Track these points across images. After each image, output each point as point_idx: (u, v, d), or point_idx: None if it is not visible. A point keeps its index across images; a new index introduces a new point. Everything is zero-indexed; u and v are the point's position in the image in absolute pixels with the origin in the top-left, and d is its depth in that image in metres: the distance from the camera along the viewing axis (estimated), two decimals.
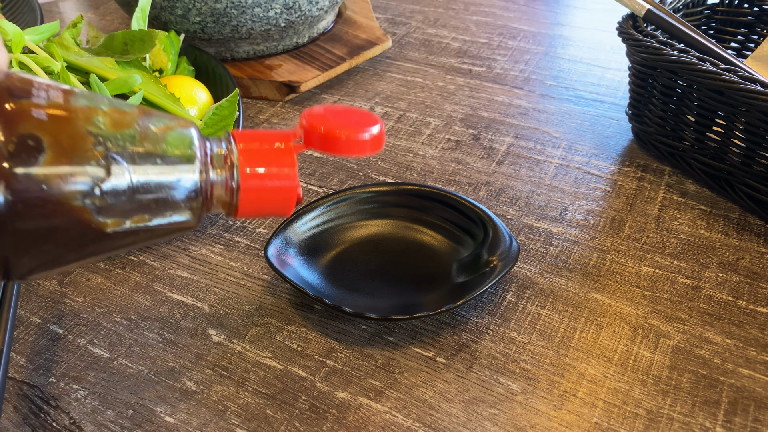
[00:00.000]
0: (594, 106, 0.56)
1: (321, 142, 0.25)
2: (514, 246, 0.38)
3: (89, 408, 0.33)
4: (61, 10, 0.78)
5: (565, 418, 0.32)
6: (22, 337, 0.37)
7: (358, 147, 0.25)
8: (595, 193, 0.46)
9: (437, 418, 0.32)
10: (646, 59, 0.44)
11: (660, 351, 0.35)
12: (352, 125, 0.25)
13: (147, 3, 0.50)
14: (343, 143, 0.25)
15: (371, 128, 0.25)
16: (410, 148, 0.52)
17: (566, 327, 0.37)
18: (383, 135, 0.26)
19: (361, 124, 0.25)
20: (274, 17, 0.57)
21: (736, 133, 0.42)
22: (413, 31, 0.70)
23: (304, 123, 0.25)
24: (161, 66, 0.52)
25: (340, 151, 0.25)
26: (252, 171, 0.25)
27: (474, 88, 0.59)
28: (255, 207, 0.25)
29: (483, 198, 0.46)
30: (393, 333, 0.36)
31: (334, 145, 0.25)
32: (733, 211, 0.44)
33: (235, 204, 0.25)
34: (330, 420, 0.32)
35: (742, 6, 0.53)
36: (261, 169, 0.25)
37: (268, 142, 0.25)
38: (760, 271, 0.39)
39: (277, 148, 0.25)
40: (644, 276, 0.39)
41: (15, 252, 0.20)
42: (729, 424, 0.31)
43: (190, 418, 0.32)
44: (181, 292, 0.39)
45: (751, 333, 0.36)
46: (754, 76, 0.39)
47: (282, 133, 0.26)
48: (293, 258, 0.39)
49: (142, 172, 0.22)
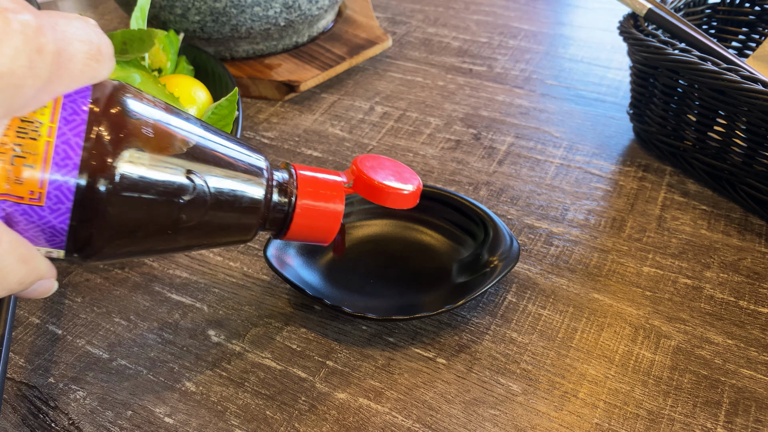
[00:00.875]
0: (595, 106, 0.56)
1: (367, 192, 0.30)
2: (514, 246, 0.38)
3: (88, 409, 0.33)
4: (60, 10, 0.77)
5: (566, 419, 0.32)
6: (20, 338, 0.37)
7: (399, 202, 0.31)
8: (596, 193, 0.46)
9: (437, 419, 0.32)
10: (648, 58, 0.44)
11: (661, 351, 0.35)
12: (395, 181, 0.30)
13: (146, 2, 0.50)
14: (387, 198, 0.30)
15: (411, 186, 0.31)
16: (410, 147, 0.51)
17: (567, 327, 0.36)
18: (419, 192, 0.31)
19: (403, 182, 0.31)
20: (274, 16, 0.57)
21: (737, 132, 0.42)
22: (413, 31, 0.70)
23: (355, 171, 0.30)
24: (160, 65, 0.51)
25: (383, 203, 0.30)
26: (306, 202, 0.29)
27: (474, 88, 0.59)
28: (302, 232, 0.30)
29: (483, 198, 0.46)
30: (393, 333, 0.36)
31: (378, 198, 0.30)
32: (734, 211, 0.44)
33: (287, 226, 0.29)
34: (330, 421, 0.32)
35: (743, 5, 0.53)
36: (313, 202, 0.29)
37: (322, 180, 0.30)
38: (762, 272, 0.39)
39: (329, 186, 0.30)
40: (645, 276, 0.39)
41: (101, 233, 0.23)
42: (730, 425, 0.31)
43: (190, 419, 0.32)
44: (180, 292, 0.39)
45: (752, 333, 0.36)
46: (756, 76, 0.39)
47: (335, 174, 0.30)
48: (293, 258, 0.38)
49: (219, 190, 0.26)
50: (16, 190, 0.21)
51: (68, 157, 0.22)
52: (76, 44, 0.21)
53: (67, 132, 0.22)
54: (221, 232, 0.27)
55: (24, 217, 0.22)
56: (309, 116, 0.56)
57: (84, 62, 0.21)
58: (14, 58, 0.18)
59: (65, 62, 0.20)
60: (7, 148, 0.21)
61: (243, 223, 0.28)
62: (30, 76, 0.19)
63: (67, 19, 0.21)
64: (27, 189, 0.21)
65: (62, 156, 0.22)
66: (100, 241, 0.24)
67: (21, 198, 0.21)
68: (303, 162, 0.50)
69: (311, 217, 0.29)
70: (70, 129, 0.22)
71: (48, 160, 0.21)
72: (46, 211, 0.22)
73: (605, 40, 0.67)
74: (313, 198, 0.29)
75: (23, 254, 0.22)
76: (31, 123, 0.21)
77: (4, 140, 0.21)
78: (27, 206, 0.22)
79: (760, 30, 0.52)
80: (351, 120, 0.55)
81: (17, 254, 0.22)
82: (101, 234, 0.24)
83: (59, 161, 0.22)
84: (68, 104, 0.22)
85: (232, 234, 0.28)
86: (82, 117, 0.22)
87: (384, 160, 0.32)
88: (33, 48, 0.19)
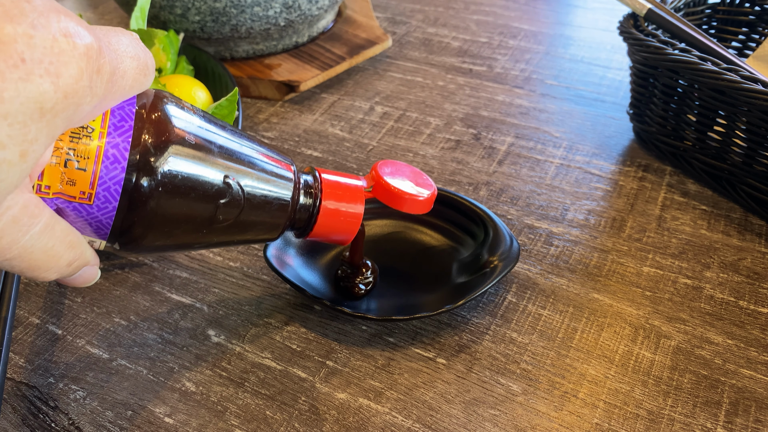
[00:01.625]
0: (595, 106, 0.56)
1: (385, 196, 0.32)
2: (514, 246, 0.38)
3: (88, 409, 0.33)
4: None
5: (565, 419, 0.32)
6: (20, 338, 0.37)
7: (415, 208, 0.32)
8: (596, 193, 0.46)
9: (437, 419, 0.32)
10: (648, 59, 0.44)
11: (661, 351, 0.35)
12: (412, 187, 0.32)
13: (146, 2, 0.50)
14: (404, 204, 0.32)
15: (427, 192, 0.33)
16: (410, 147, 0.51)
17: (567, 327, 0.36)
18: (434, 198, 0.33)
19: (419, 188, 0.33)
20: (274, 16, 0.57)
21: (737, 132, 0.42)
22: (413, 31, 0.70)
23: (374, 177, 0.32)
24: (160, 65, 0.51)
25: (400, 208, 0.32)
26: (330, 203, 0.31)
27: (474, 88, 0.59)
28: (324, 231, 0.31)
29: (483, 198, 0.46)
30: (393, 333, 0.36)
31: (395, 203, 0.32)
32: (734, 211, 0.44)
33: (311, 226, 0.31)
34: (330, 421, 0.32)
35: (743, 5, 0.53)
36: (336, 203, 0.31)
37: (344, 184, 0.32)
38: (762, 272, 0.39)
39: (350, 190, 0.31)
40: (645, 276, 0.39)
41: (142, 230, 0.25)
42: (730, 425, 0.31)
43: (190, 419, 0.32)
44: (180, 292, 0.39)
45: (752, 333, 0.36)
46: (756, 76, 0.39)
47: (356, 179, 0.32)
48: (293, 258, 0.38)
49: (253, 192, 0.28)
50: (68, 190, 0.23)
51: (117, 160, 0.23)
52: (127, 61, 0.23)
53: (116, 137, 0.23)
54: (251, 230, 0.29)
55: (74, 213, 0.24)
56: (309, 116, 0.56)
57: (134, 77, 0.23)
58: (78, 79, 0.20)
59: (119, 79, 0.22)
60: (62, 152, 0.22)
61: (272, 223, 0.30)
62: (90, 94, 0.21)
63: (117, 36, 0.23)
64: (78, 189, 0.23)
65: (111, 160, 0.23)
66: (140, 235, 0.25)
67: (73, 197, 0.23)
68: (302, 162, 0.50)
69: (334, 218, 0.31)
70: (119, 134, 0.23)
71: (98, 163, 0.23)
72: (94, 209, 0.24)
73: (605, 40, 0.67)
74: (335, 199, 0.31)
75: (72, 241, 0.24)
76: (84, 128, 0.23)
77: (58, 144, 0.22)
78: (78, 204, 0.23)
79: (760, 30, 0.52)
80: (351, 120, 0.55)
81: (67, 241, 0.24)
82: (142, 230, 0.25)
83: (109, 164, 0.23)
84: (117, 111, 0.24)
85: (261, 232, 0.30)
86: (130, 123, 0.24)
87: (402, 166, 0.34)
88: (93, 69, 0.20)
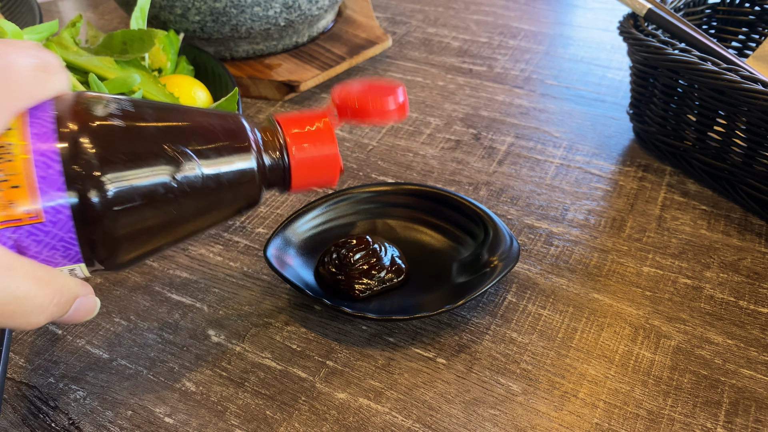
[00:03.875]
0: (595, 106, 0.56)
1: (354, 114, 0.28)
2: (514, 246, 0.38)
3: (88, 408, 0.33)
4: (60, 10, 0.77)
5: (565, 419, 0.32)
6: (20, 338, 0.37)
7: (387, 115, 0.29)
8: (596, 193, 0.46)
9: (437, 419, 0.32)
10: (647, 58, 0.44)
11: (661, 351, 0.35)
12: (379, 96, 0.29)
13: (146, 2, 0.50)
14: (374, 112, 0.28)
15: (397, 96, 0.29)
16: (410, 147, 0.52)
17: (567, 327, 0.36)
18: (407, 102, 0.29)
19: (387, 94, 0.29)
20: (274, 16, 0.57)
21: (737, 132, 0.42)
22: (413, 31, 0.70)
23: (336, 100, 0.29)
24: (160, 65, 0.51)
25: (371, 121, 0.29)
26: (299, 150, 0.28)
27: (474, 88, 0.59)
28: (305, 181, 0.29)
29: (483, 198, 0.46)
30: (393, 333, 0.36)
31: (365, 116, 0.28)
32: (734, 211, 0.44)
33: (288, 181, 0.28)
34: (330, 421, 0.32)
35: (743, 5, 0.53)
36: (306, 146, 0.28)
37: (308, 122, 0.28)
38: (762, 272, 0.39)
39: (316, 126, 0.28)
40: (645, 276, 0.39)
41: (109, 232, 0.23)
42: (730, 425, 0.31)
43: (190, 419, 0.32)
44: (180, 292, 0.39)
45: (752, 333, 0.36)
46: (755, 76, 0.39)
47: (318, 112, 0.29)
48: (293, 258, 0.38)
49: (208, 162, 0.25)
50: (11, 213, 0.21)
51: (49, 167, 0.22)
52: (20, 60, 0.22)
53: (40, 145, 0.22)
54: (226, 205, 0.27)
55: (32, 239, 0.22)
56: None
57: (32, 74, 0.22)
58: None
59: (13, 76, 0.21)
60: None
61: (244, 192, 0.27)
62: None
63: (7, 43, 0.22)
64: (22, 210, 0.21)
65: (43, 168, 0.22)
66: (112, 240, 0.24)
67: (20, 220, 0.21)
68: None
69: (309, 167, 0.28)
70: (42, 141, 0.22)
71: (31, 176, 0.21)
72: (48, 226, 0.22)
73: (605, 40, 0.67)
74: (303, 143, 0.28)
75: (41, 276, 0.22)
76: (2, 147, 0.21)
77: None
78: (29, 227, 0.22)
79: (760, 30, 0.52)
80: None
81: (34, 278, 0.22)
82: (109, 232, 0.23)
83: (42, 173, 0.22)
84: (34, 121, 0.22)
85: (237, 203, 0.28)
86: (51, 127, 0.22)
87: (358, 81, 0.30)
88: None
